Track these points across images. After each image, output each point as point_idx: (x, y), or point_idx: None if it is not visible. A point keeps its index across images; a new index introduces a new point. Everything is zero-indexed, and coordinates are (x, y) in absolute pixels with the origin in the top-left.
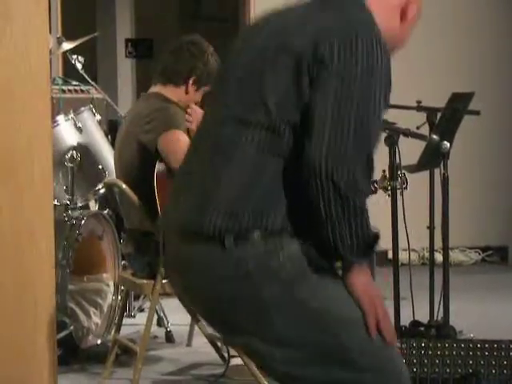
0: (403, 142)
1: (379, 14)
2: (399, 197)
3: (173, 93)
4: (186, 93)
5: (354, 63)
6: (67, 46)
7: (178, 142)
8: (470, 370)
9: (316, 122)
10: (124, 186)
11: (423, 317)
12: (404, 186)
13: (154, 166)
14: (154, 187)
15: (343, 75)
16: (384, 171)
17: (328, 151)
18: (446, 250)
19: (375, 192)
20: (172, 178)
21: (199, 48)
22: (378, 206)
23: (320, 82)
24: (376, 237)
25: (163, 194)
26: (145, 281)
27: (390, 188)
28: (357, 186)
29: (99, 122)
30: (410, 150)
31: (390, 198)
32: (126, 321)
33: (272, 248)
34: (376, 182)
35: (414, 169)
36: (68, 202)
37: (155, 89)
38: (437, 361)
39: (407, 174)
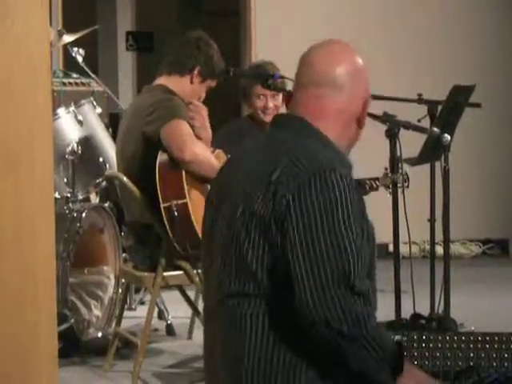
0: (404, 135)
1: (338, 131)
2: (400, 190)
3: (177, 83)
4: (191, 83)
5: (310, 207)
6: (68, 38)
7: (180, 131)
8: (471, 363)
9: (294, 277)
10: (125, 178)
11: (424, 310)
12: (406, 184)
13: (157, 157)
14: (155, 178)
15: (304, 223)
16: (386, 168)
17: (314, 301)
18: (446, 242)
19: (376, 189)
20: (174, 168)
21: (206, 43)
22: (378, 199)
23: (286, 237)
24: (398, 344)
25: (165, 184)
26: (145, 273)
27: (391, 186)
28: (358, 318)
29: (100, 115)
30: (411, 143)
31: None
32: (126, 313)
33: None
34: (378, 179)
35: (414, 162)
36: (69, 195)
37: (159, 81)
38: (437, 354)
39: (408, 170)
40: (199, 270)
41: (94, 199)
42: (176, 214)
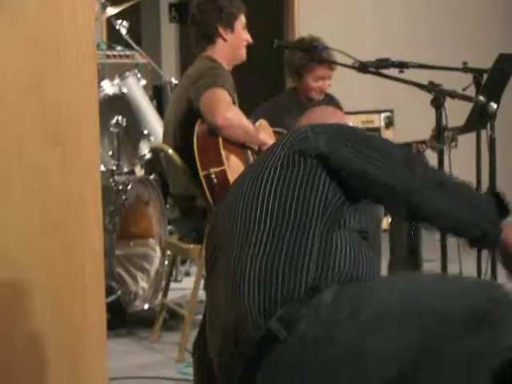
0: (450, 104)
1: None
2: (446, 158)
3: (217, 51)
4: (225, 40)
5: None
6: (111, 11)
7: (215, 98)
8: None
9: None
10: (170, 150)
11: None
12: (454, 143)
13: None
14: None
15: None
16: (433, 130)
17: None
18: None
19: (423, 152)
20: (211, 136)
21: (206, 2)
22: None
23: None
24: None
25: (203, 152)
26: (191, 245)
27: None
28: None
29: (144, 87)
30: (457, 112)
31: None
32: (172, 285)
33: None
34: (425, 142)
35: (460, 130)
36: (114, 168)
37: (205, 52)
38: None
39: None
40: None
41: (139, 171)
42: (215, 181)
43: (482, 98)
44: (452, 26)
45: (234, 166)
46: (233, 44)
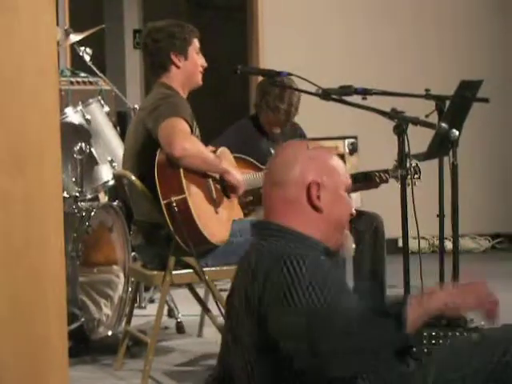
0: (412, 131)
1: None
2: (409, 186)
3: (171, 78)
4: (178, 67)
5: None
6: (75, 37)
7: (173, 128)
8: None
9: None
10: (133, 177)
11: None
12: (417, 176)
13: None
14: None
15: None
16: (396, 160)
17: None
18: (455, 238)
19: (387, 181)
20: (172, 165)
21: (157, 29)
22: (387, 193)
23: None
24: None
25: (164, 180)
26: (155, 272)
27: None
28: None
29: (108, 114)
30: (419, 139)
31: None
32: (136, 312)
33: None
34: (387, 171)
35: (423, 157)
36: (77, 194)
37: (160, 79)
38: None
39: (419, 164)
40: (205, 269)
41: (103, 198)
42: (176, 209)
43: (444, 124)
44: (418, 52)
45: (195, 195)
46: (187, 70)
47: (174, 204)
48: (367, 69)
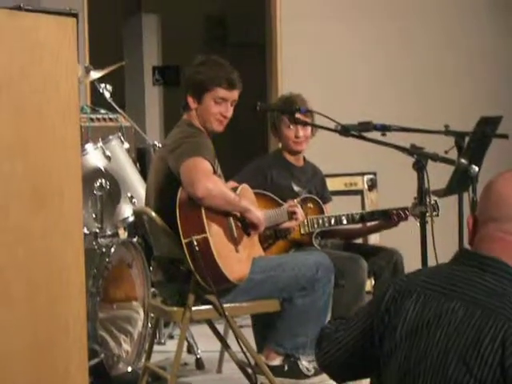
0: (432, 167)
1: None
2: (429, 223)
3: (192, 117)
4: (193, 109)
5: None
6: (95, 74)
7: (195, 168)
8: None
9: None
10: (153, 213)
11: None
12: (435, 213)
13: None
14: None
15: None
16: (415, 198)
17: None
18: None
19: (406, 219)
20: (194, 204)
21: (188, 67)
22: (406, 230)
23: None
24: None
25: (185, 219)
26: (175, 308)
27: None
28: None
29: (127, 150)
30: (439, 175)
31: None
32: (156, 348)
33: None
34: (407, 208)
35: (442, 193)
36: (97, 231)
37: (184, 117)
38: None
39: (438, 201)
40: (225, 305)
41: (123, 234)
42: (197, 248)
43: (463, 160)
44: (437, 88)
45: (216, 233)
46: (202, 115)
47: (195, 243)
48: (385, 105)
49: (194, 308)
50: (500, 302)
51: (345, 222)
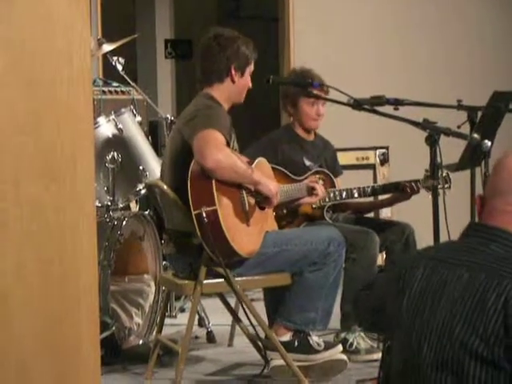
0: (444, 142)
1: None
2: (440, 196)
3: (221, 90)
4: (233, 82)
5: None
6: (107, 47)
7: (207, 139)
8: None
9: None
10: (165, 186)
11: None
12: (447, 185)
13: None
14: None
15: None
16: (427, 170)
17: None
18: None
19: (418, 192)
20: (205, 175)
21: (225, 38)
22: (419, 203)
23: None
24: None
25: (196, 191)
26: (186, 281)
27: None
28: None
29: (140, 123)
30: (451, 149)
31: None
32: (167, 321)
33: None
34: (419, 181)
35: (454, 168)
36: (109, 203)
37: (205, 90)
38: None
39: (450, 174)
40: (237, 278)
41: (134, 207)
42: (206, 220)
43: (476, 135)
44: (448, 63)
45: (226, 206)
46: (238, 87)
47: (204, 215)
48: (398, 80)
49: (205, 281)
50: (504, 265)
51: (356, 195)
